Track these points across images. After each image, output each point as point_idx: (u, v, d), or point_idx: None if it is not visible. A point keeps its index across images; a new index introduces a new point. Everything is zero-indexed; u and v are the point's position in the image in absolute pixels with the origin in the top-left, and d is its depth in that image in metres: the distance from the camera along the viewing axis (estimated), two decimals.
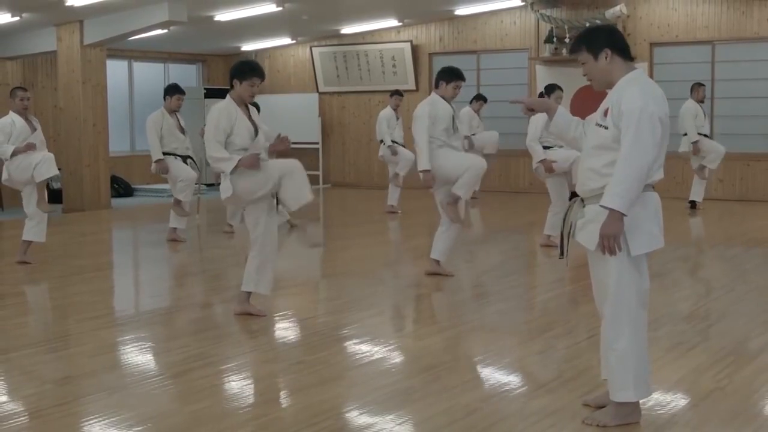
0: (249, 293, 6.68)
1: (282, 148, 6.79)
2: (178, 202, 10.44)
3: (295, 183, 6.47)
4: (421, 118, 7.88)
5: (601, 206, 4.01)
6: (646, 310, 4.24)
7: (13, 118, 8.97)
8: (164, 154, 10.27)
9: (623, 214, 3.98)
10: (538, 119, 9.72)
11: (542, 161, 9.41)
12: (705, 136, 13.06)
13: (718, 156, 12.95)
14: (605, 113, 4.15)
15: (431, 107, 7.92)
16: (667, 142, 4.14)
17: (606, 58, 4.20)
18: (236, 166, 6.32)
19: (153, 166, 10.35)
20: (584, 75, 4.33)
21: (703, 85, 13.18)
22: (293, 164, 6.53)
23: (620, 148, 4.02)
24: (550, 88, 9.96)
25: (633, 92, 4.06)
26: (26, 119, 9.05)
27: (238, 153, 6.38)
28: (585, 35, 4.30)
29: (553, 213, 9.64)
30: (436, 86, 8.07)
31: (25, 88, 9.50)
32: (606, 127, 4.13)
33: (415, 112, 8.01)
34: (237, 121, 6.40)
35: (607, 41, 4.21)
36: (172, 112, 10.37)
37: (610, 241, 4.00)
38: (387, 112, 13.34)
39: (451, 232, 8.11)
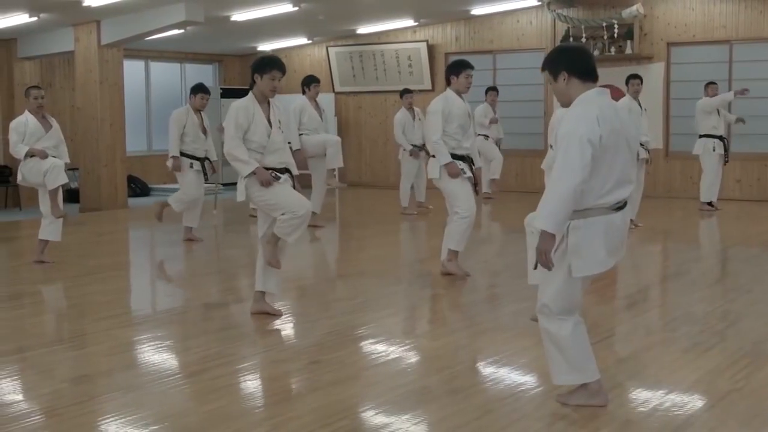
0: (263, 292, 6.70)
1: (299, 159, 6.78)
2: (165, 204, 10.45)
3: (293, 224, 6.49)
4: (435, 114, 7.83)
5: (537, 226, 4.25)
6: (575, 315, 4.43)
7: (27, 117, 9.00)
8: (182, 155, 10.29)
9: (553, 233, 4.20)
10: (557, 119, 9.70)
11: None
12: (720, 138, 12.95)
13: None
14: None
15: (445, 103, 7.85)
16: (621, 159, 4.24)
17: (564, 80, 4.38)
18: (252, 173, 6.37)
19: (169, 161, 10.38)
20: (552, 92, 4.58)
21: (715, 83, 13.12)
22: (306, 207, 6.51)
23: None
24: None
25: (569, 116, 4.27)
26: (42, 117, 9.08)
27: (255, 152, 6.41)
28: (549, 56, 4.50)
29: None
30: (448, 83, 8.01)
31: (39, 86, 9.51)
32: (552, 147, 4.36)
33: (429, 107, 7.98)
34: (255, 119, 6.41)
35: (565, 64, 4.38)
36: (197, 111, 10.40)
37: (541, 256, 4.21)
38: (401, 115, 13.23)
39: (453, 225, 8.05)
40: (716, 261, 9.60)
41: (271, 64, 6.44)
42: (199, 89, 10.41)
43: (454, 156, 7.87)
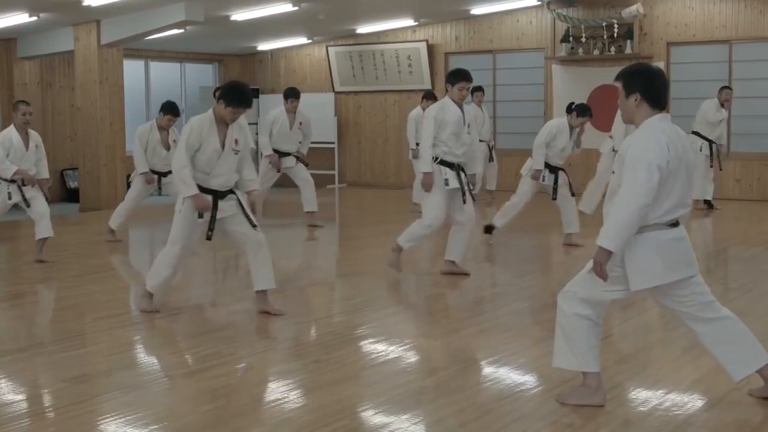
0: (264, 292, 6.69)
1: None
2: (111, 230, 10.59)
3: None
4: (428, 120, 7.92)
5: (597, 243, 4.31)
6: (593, 310, 4.50)
7: (11, 134, 8.94)
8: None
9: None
10: (551, 125, 9.82)
11: (536, 171, 9.60)
12: (709, 142, 12.90)
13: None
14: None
15: (439, 111, 7.94)
16: (680, 184, 4.33)
17: (635, 100, 4.41)
18: (191, 197, 6.41)
19: (137, 177, 10.32)
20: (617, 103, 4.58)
21: (730, 88, 13.05)
22: (174, 268, 6.75)
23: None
24: (582, 111, 9.79)
25: (637, 142, 4.32)
26: (25, 134, 9.02)
27: (200, 172, 6.42)
28: (628, 70, 4.52)
29: (513, 205, 9.94)
30: (446, 90, 8.07)
31: (28, 102, 9.43)
32: (614, 172, 4.43)
33: (425, 113, 8.07)
34: (207, 140, 6.41)
35: (641, 86, 4.41)
36: (162, 128, 10.23)
37: (597, 267, 4.31)
38: (417, 112, 13.32)
39: (465, 232, 8.11)
40: (716, 260, 9.60)
41: (240, 99, 6.39)
42: (167, 110, 10.14)
43: (444, 162, 7.93)
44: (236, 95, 6.40)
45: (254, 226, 6.60)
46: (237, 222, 6.58)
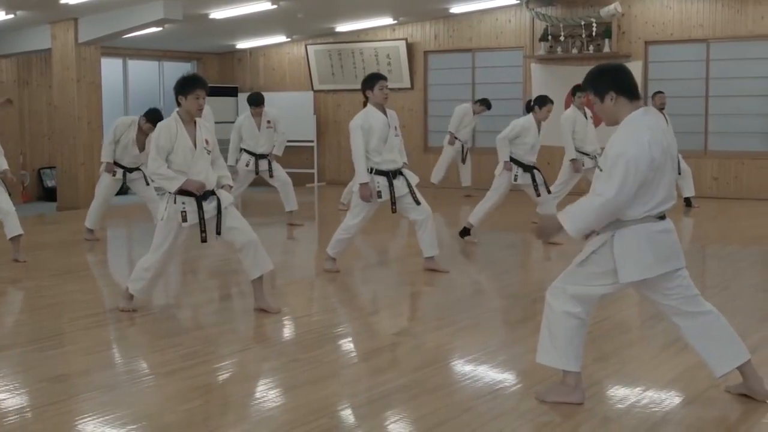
0: (261, 288, 6.72)
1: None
2: (89, 230, 10.63)
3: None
4: (355, 131, 7.94)
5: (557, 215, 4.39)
6: (582, 307, 4.49)
7: None
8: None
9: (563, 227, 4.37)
10: (519, 122, 9.91)
11: (506, 164, 9.84)
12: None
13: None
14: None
15: (364, 119, 7.96)
16: (667, 177, 4.35)
17: (611, 99, 4.39)
18: (181, 187, 6.37)
19: (103, 171, 10.36)
20: (596, 112, 4.56)
21: (662, 92, 13.16)
22: (157, 272, 6.72)
23: None
24: (542, 101, 10.00)
25: (619, 138, 4.31)
26: None
27: (180, 174, 6.39)
28: (592, 77, 4.51)
29: (485, 199, 10.06)
30: (366, 98, 8.10)
31: None
32: (601, 169, 4.42)
33: (350, 125, 8.07)
34: (178, 140, 6.38)
35: (611, 84, 4.40)
36: (141, 131, 10.14)
37: (540, 236, 4.52)
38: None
39: (427, 227, 8.14)
40: (693, 258, 9.64)
41: (194, 83, 6.39)
42: (149, 118, 9.92)
43: (380, 172, 7.97)
44: (188, 81, 6.41)
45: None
46: (225, 220, 6.55)
